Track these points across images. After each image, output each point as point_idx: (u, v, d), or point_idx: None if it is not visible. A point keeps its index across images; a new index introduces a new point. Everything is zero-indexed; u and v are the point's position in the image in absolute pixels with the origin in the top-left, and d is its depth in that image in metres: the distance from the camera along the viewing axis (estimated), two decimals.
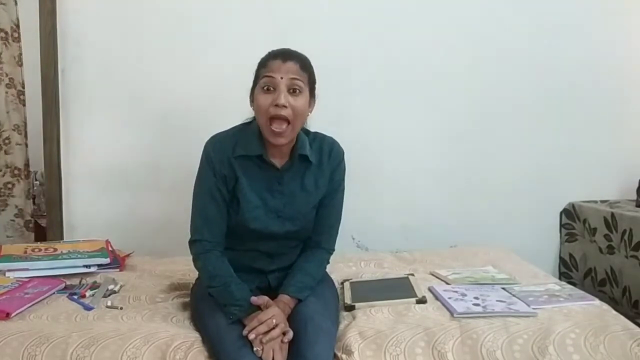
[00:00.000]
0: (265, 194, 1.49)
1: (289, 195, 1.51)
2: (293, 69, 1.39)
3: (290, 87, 1.39)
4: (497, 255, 2.07)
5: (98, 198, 2.26)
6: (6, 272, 1.73)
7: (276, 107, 1.37)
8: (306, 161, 1.51)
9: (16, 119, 2.24)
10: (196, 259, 1.50)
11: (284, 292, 1.46)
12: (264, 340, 1.28)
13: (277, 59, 1.40)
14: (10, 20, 2.13)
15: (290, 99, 1.39)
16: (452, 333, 1.40)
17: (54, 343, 1.32)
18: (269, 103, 1.38)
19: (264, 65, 1.42)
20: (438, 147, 2.43)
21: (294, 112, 1.39)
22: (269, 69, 1.40)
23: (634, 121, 2.55)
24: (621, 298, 2.25)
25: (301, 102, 1.40)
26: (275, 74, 1.38)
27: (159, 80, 2.23)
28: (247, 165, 1.48)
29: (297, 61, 1.41)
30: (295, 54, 1.44)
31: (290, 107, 1.38)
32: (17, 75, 2.20)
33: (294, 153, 1.50)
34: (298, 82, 1.39)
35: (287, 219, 1.51)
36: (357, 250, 2.37)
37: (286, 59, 1.40)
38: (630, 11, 2.51)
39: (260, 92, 1.40)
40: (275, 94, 1.38)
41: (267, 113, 1.39)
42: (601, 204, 2.48)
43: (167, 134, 2.25)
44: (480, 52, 2.40)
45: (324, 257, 1.60)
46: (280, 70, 1.38)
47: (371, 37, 2.32)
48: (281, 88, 1.38)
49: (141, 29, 2.21)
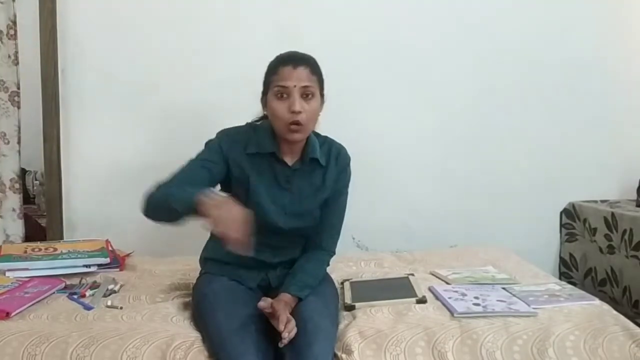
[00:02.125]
0: (274, 190, 1.52)
1: (297, 193, 1.53)
2: (304, 75, 1.43)
3: (303, 93, 1.43)
4: (497, 255, 2.07)
5: (98, 198, 2.26)
6: (6, 271, 1.73)
7: (292, 114, 1.41)
8: (317, 163, 1.54)
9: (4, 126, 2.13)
10: (144, 196, 1.40)
11: (284, 291, 1.46)
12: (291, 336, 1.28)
13: (287, 65, 1.43)
14: (7, 18, 2.10)
15: (304, 104, 1.43)
16: (452, 333, 1.40)
17: (53, 343, 1.32)
18: (285, 110, 1.42)
19: (275, 72, 1.45)
20: (438, 147, 2.43)
21: (308, 116, 1.44)
22: (281, 78, 1.43)
23: (634, 121, 2.55)
24: (621, 298, 2.25)
25: (314, 105, 1.46)
26: (287, 82, 1.42)
27: (159, 80, 2.23)
28: (258, 163, 1.51)
29: (307, 65, 1.45)
30: (304, 57, 1.47)
31: (305, 111, 1.43)
32: (12, 75, 2.12)
33: (304, 154, 1.53)
34: (310, 88, 1.44)
35: (293, 216, 1.53)
36: (357, 250, 2.37)
37: (297, 65, 1.43)
38: (631, 11, 2.51)
39: (274, 99, 1.44)
40: (290, 100, 1.42)
41: (284, 119, 1.43)
42: (601, 203, 2.48)
43: (167, 133, 2.25)
44: (481, 53, 2.40)
45: (325, 258, 1.61)
46: (292, 78, 1.42)
47: (371, 37, 2.32)
48: (295, 96, 1.42)
49: (141, 28, 2.21)
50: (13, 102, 2.15)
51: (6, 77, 2.13)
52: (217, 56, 2.23)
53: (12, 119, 2.15)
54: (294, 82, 1.42)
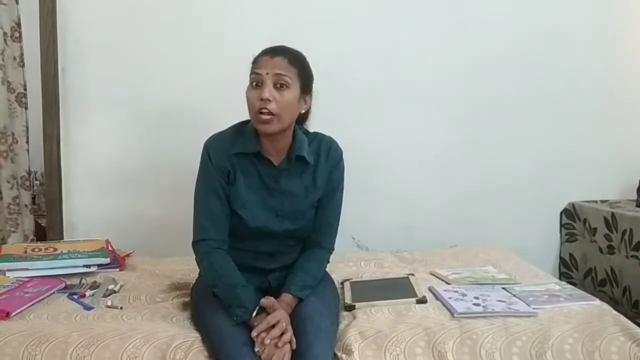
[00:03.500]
0: (263, 193, 1.50)
1: (287, 194, 1.51)
2: (280, 64, 1.41)
3: (277, 82, 1.40)
4: (497, 255, 2.07)
5: (98, 198, 2.26)
6: (6, 271, 1.73)
7: (261, 101, 1.39)
8: (304, 162, 1.52)
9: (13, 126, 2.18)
10: (202, 259, 1.49)
11: (286, 291, 1.46)
12: (266, 342, 1.28)
13: (266, 55, 1.43)
14: (11, 19, 2.11)
15: (275, 93, 1.40)
16: (452, 333, 1.40)
17: (54, 343, 1.32)
18: (256, 97, 1.40)
19: (255, 61, 1.45)
20: (438, 147, 2.43)
21: (279, 106, 1.40)
22: (257, 65, 1.42)
23: (634, 121, 2.55)
24: (621, 298, 2.25)
25: (288, 97, 1.41)
26: (261, 69, 1.41)
27: (159, 80, 2.23)
28: (245, 164, 1.49)
29: (286, 56, 1.42)
30: (285, 49, 1.45)
31: (275, 100, 1.39)
32: (19, 76, 2.17)
33: (291, 153, 1.51)
34: (284, 78, 1.40)
35: (285, 218, 1.51)
36: (357, 250, 2.37)
37: (274, 55, 1.42)
38: (631, 11, 2.50)
39: (250, 88, 1.43)
40: (261, 89, 1.40)
41: (254, 108, 1.41)
42: (601, 203, 2.48)
43: (167, 133, 2.25)
44: (481, 53, 2.40)
45: (324, 256, 1.60)
46: (267, 65, 1.40)
47: (371, 37, 2.32)
48: (266, 83, 1.40)
49: (141, 28, 2.21)
50: (20, 103, 2.19)
51: (13, 79, 2.16)
52: (217, 56, 2.23)
53: (20, 120, 2.20)
54: (267, 70, 1.39)
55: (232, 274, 1.44)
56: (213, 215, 1.48)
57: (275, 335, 1.29)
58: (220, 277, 1.43)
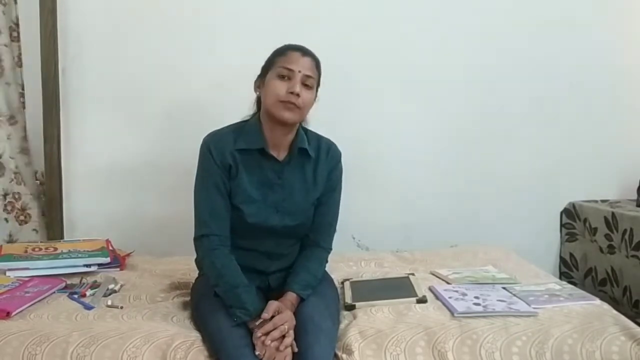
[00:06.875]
0: (265, 189, 1.51)
1: (288, 189, 1.52)
2: (309, 65, 1.46)
3: (304, 81, 1.44)
4: (497, 255, 2.07)
5: (98, 197, 2.26)
6: (6, 271, 1.73)
7: (290, 95, 1.42)
8: (305, 155, 1.54)
9: None
10: (204, 256, 1.48)
11: (289, 289, 1.46)
12: (266, 343, 1.28)
13: (296, 51, 1.46)
14: (10, 20, 2.11)
15: (303, 90, 1.44)
16: (452, 333, 1.40)
17: (54, 342, 1.32)
18: (284, 89, 1.43)
19: (283, 54, 1.47)
20: (438, 147, 2.43)
21: (304, 103, 1.45)
22: (288, 60, 1.44)
23: (634, 121, 2.56)
24: (622, 298, 2.25)
25: (310, 97, 1.47)
26: (293, 65, 1.43)
27: (159, 80, 2.22)
28: (247, 160, 1.50)
29: (314, 59, 1.48)
30: (311, 52, 1.49)
31: (302, 98, 1.44)
32: (17, 77, 2.14)
33: (293, 147, 1.52)
34: (311, 79, 1.46)
35: (285, 214, 1.52)
36: (357, 250, 2.37)
37: (304, 54, 1.46)
38: (631, 11, 2.51)
39: (276, 78, 1.45)
40: (291, 82, 1.43)
41: (280, 97, 1.43)
42: (601, 203, 2.48)
43: (167, 133, 2.25)
44: (480, 53, 2.40)
45: (323, 256, 1.61)
46: (299, 63, 1.44)
47: (372, 37, 2.32)
48: (297, 79, 1.43)
49: (142, 27, 2.21)
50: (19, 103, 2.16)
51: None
52: (218, 56, 2.23)
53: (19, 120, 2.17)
54: (300, 68, 1.43)
55: (233, 274, 1.43)
56: (214, 210, 1.48)
57: (276, 338, 1.29)
58: (222, 276, 1.43)
